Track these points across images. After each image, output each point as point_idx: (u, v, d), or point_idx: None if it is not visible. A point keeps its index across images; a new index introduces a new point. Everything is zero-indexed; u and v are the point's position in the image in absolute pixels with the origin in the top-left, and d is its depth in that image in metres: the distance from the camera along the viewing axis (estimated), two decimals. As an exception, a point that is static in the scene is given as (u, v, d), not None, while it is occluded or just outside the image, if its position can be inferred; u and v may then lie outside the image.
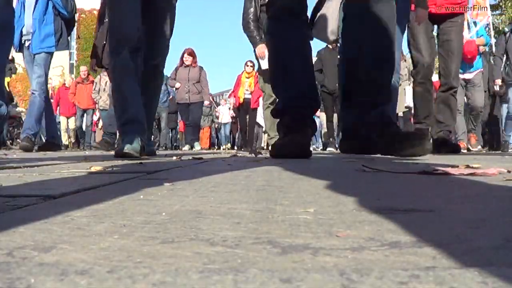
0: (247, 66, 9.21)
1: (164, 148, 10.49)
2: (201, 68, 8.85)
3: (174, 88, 9.20)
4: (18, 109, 10.94)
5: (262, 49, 5.16)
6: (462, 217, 0.50)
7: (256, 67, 9.14)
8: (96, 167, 1.42)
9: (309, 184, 0.91)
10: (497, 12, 15.69)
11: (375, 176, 1.13)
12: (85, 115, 10.70)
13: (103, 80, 9.66)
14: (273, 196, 0.70)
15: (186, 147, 8.74)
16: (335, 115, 7.42)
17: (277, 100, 2.69)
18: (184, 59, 8.69)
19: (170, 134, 12.62)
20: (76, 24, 6.76)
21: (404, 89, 7.69)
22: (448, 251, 0.33)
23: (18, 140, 5.36)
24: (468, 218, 0.50)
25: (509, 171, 1.11)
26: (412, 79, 4.71)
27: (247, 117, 9.54)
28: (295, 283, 0.26)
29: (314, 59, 6.92)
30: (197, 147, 8.75)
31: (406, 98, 7.81)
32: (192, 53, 8.75)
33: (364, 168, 1.29)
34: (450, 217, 0.50)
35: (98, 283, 0.26)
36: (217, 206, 0.59)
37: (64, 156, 3.21)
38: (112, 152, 2.18)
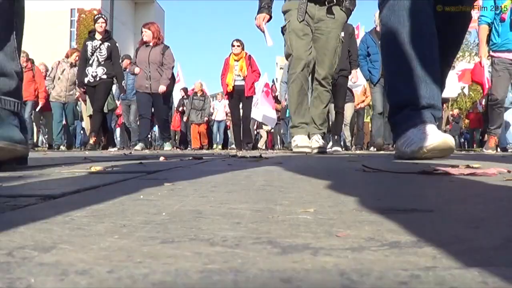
0: (234, 46, 7.55)
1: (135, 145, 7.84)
2: (166, 46, 6.86)
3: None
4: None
5: (260, 20, 3.97)
6: (462, 217, 0.50)
7: (245, 46, 7.45)
8: (96, 167, 1.42)
9: (309, 184, 0.91)
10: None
11: (375, 176, 1.13)
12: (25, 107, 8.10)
13: (61, 67, 7.95)
14: (273, 196, 0.70)
15: (138, 147, 6.82)
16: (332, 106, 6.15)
17: None
18: (142, 35, 6.75)
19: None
20: (76, 24, 6.15)
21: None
22: (448, 251, 0.33)
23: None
24: (468, 218, 0.49)
25: (509, 171, 1.11)
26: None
27: (240, 108, 7.83)
28: (295, 283, 0.26)
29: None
30: (167, 147, 7.25)
31: None
32: (152, 27, 6.74)
33: (364, 168, 1.29)
34: (450, 217, 0.50)
35: (98, 283, 0.26)
36: (217, 206, 0.59)
37: (64, 156, 3.20)
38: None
